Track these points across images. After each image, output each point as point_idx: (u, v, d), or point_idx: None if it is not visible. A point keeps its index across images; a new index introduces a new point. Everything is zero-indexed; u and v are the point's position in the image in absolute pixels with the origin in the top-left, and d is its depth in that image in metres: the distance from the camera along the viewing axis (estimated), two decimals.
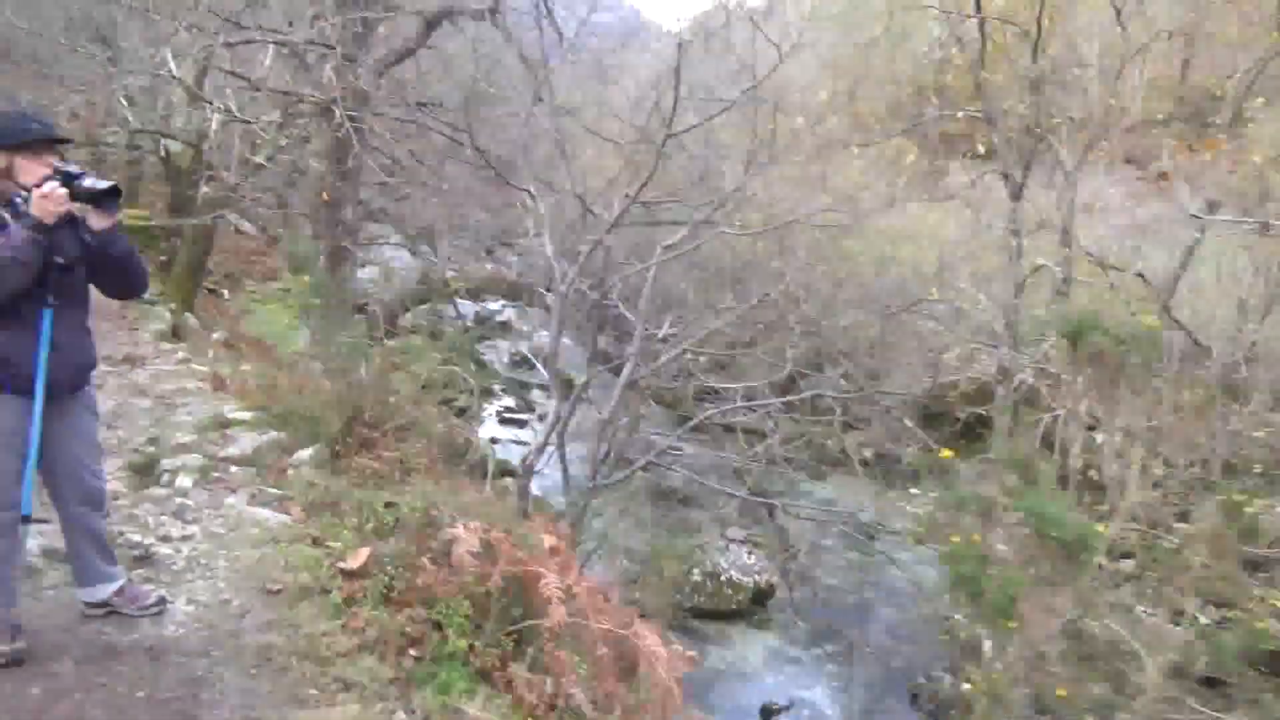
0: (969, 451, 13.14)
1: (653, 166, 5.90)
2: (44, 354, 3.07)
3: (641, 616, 4.57)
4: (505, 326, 22.50)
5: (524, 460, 6.23)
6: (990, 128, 9.52)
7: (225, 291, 17.32)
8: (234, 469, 5.55)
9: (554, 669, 3.55)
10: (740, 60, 6.32)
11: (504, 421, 15.52)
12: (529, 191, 6.76)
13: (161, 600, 3.63)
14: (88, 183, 3.04)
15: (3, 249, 2.89)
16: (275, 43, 10.92)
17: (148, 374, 8.13)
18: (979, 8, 9.17)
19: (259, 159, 12.73)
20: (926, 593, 11.48)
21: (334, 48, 10.02)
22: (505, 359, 19.85)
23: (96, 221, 3.11)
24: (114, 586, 3.54)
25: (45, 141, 3.11)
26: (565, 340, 16.89)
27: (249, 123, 9.43)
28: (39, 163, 3.04)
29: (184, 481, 5.33)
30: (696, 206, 6.72)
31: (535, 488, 9.45)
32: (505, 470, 10.26)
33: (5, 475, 3.13)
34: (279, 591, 3.85)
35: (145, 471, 5.53)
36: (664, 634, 4.59)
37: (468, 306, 20.27)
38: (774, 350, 9.65)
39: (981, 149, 9.88)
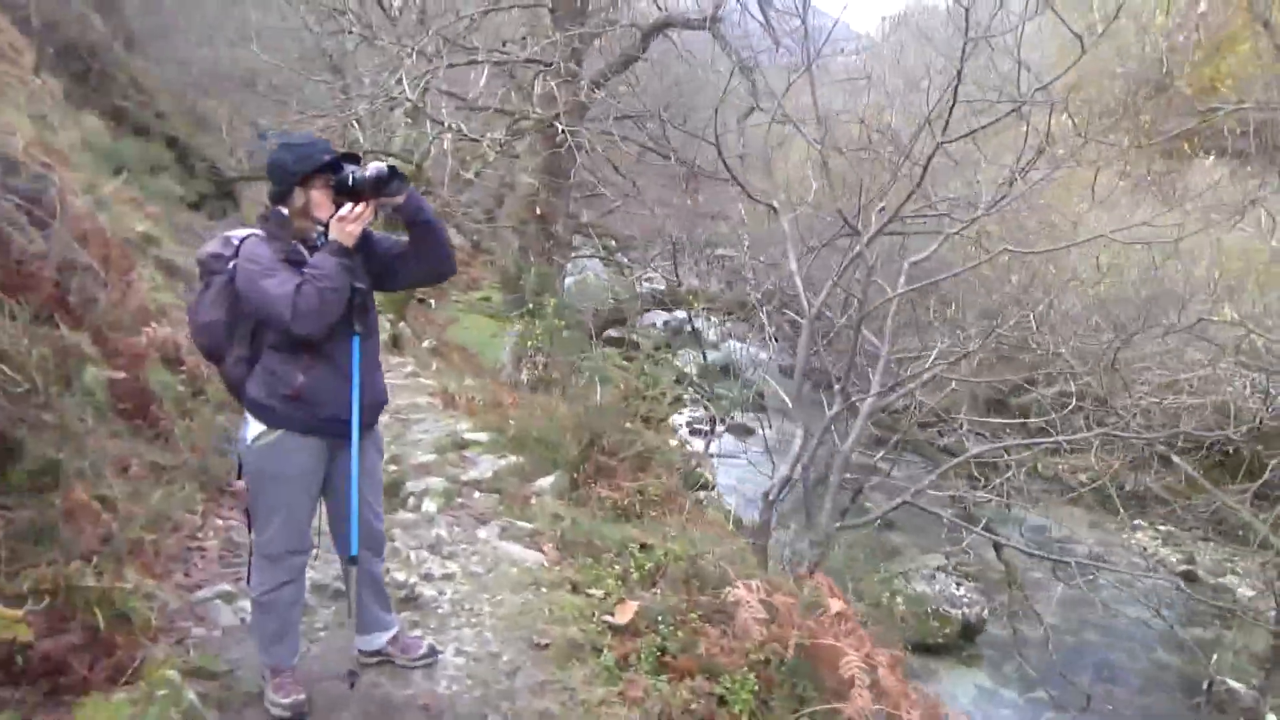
0: (1210, 481, 11.71)
1: (919, 177, 5.31)
2: (358, 381, 2.94)
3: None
4: (695, 335, 22.25)
5: (766, 495, 5.79)
6: None
7: (432, 301, 18.03)
8: (477, 494, 5.45)
9: None
10: (1015, 57, 5.61)
11: (693, 433, 15.23)
12: (772, 206, 6.33)
13: (432, 650, 3.44)
14: (370, 173, 2.84)
15: (318, 279, 2.74)
16: (496, 63, 11.09)
17: None
18: None
19: (468, 174, 13.05)
20: (1167, 639, 10.19)
21: (552, 64, 10.04)
22: (693, 368, 19.58)
23: (395, 199, 2.91)
24: (389, 635, 3.37)
25: (329, 170, 2.96)
26: (759, 352, 16.46)
27: (476, 140, 9.56)
28: (326, 193, 2.90)
29: (429, 506, 5.26)
30: (961, 222, 6.03)
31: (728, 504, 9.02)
32: (701, 484, 9.93)
33: (299, 516, 3.00)
34: (546, 646, 3.57)
35: (391, 493, 5.51)
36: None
37: (660, 316, 20.18)
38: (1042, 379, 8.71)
39: None
